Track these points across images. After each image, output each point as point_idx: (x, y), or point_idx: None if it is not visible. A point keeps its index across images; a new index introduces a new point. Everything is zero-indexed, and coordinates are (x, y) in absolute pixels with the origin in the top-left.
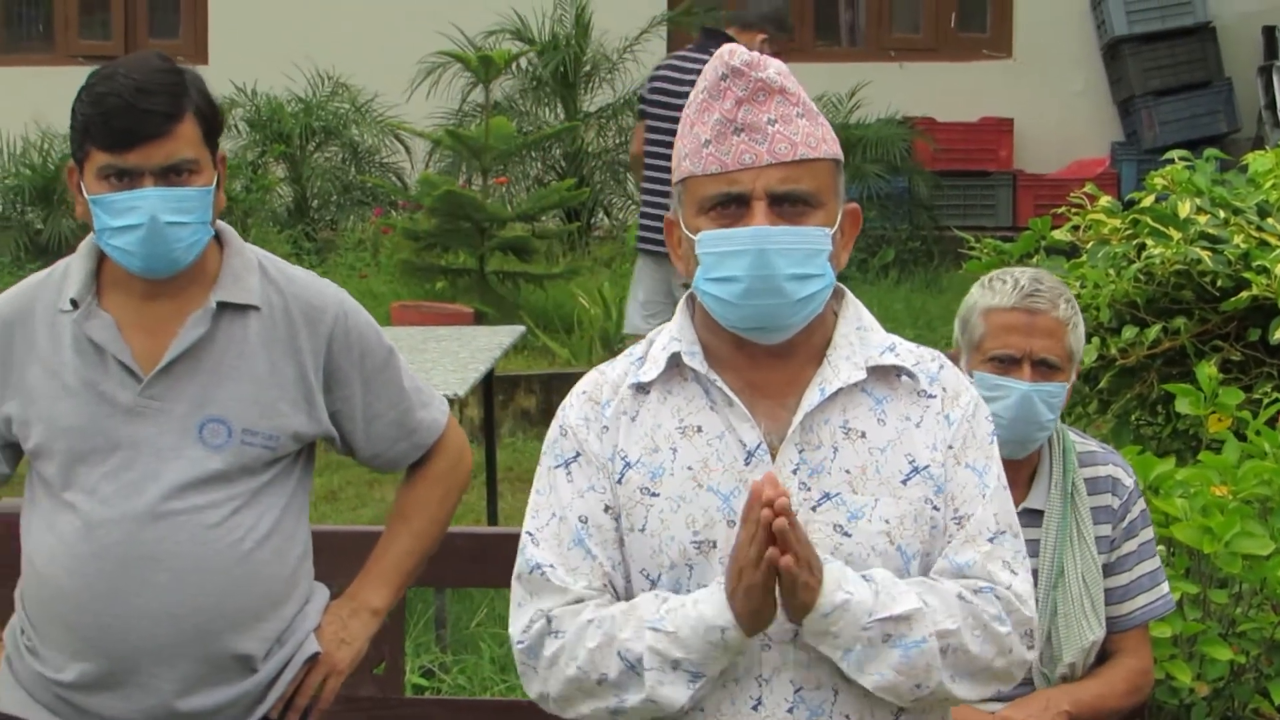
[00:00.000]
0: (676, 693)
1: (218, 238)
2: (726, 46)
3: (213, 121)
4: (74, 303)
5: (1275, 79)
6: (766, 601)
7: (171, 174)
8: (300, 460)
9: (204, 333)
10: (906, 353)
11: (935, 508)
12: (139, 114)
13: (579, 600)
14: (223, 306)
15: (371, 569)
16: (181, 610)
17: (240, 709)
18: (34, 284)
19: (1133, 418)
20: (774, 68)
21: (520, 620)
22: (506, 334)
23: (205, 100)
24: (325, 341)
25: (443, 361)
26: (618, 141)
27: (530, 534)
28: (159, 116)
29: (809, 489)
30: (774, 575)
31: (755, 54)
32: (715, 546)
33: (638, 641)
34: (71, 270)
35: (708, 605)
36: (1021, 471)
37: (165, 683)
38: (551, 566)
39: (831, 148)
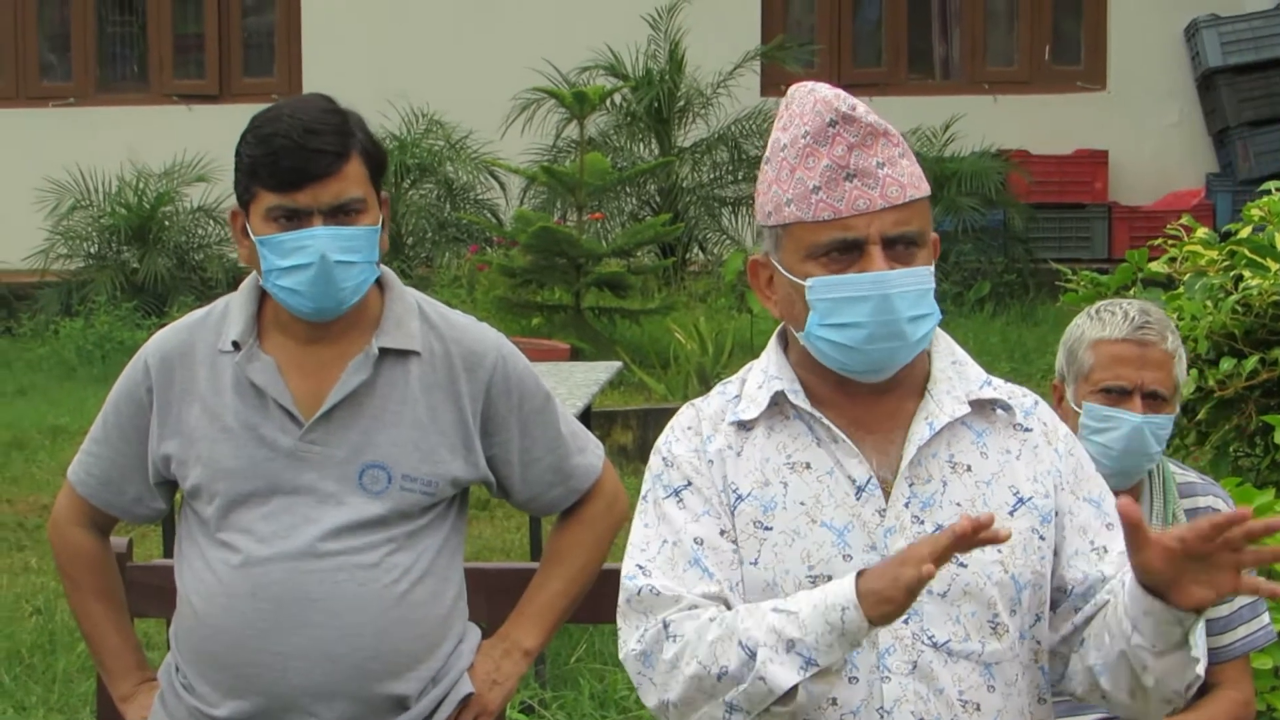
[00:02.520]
0: (786, 674)
1: (379, 281)
2: (823, 89)
3: (377, 161)
4: (236, 344)
5: None
6: (897, 591)
7: (340, 213)
8: (456, 504)
9: (366, 378)
10: (1002, 386)
11: (1041, 537)
12: (308, 154)
13: (694, 607)
14: (384, 352)
15: (524, 609)
16: (339, 650)
17: None
18: (192, 323)
19: (1231, 449)
20: (864, 108)
21: (632, 635)
22: (603, 370)
23: (369, 140)
24: (484, 387)
25: None
26: (712, 176)
27: (640, 566)
28: (328, 156)
29: (922, 522)
30: (921, 581)
31: (849, 97)
32: (830, 581)
33: (759, 627)
34: (231, 311)
35: (834, 586)
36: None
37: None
38: (666, 586)
39: (926, 185)
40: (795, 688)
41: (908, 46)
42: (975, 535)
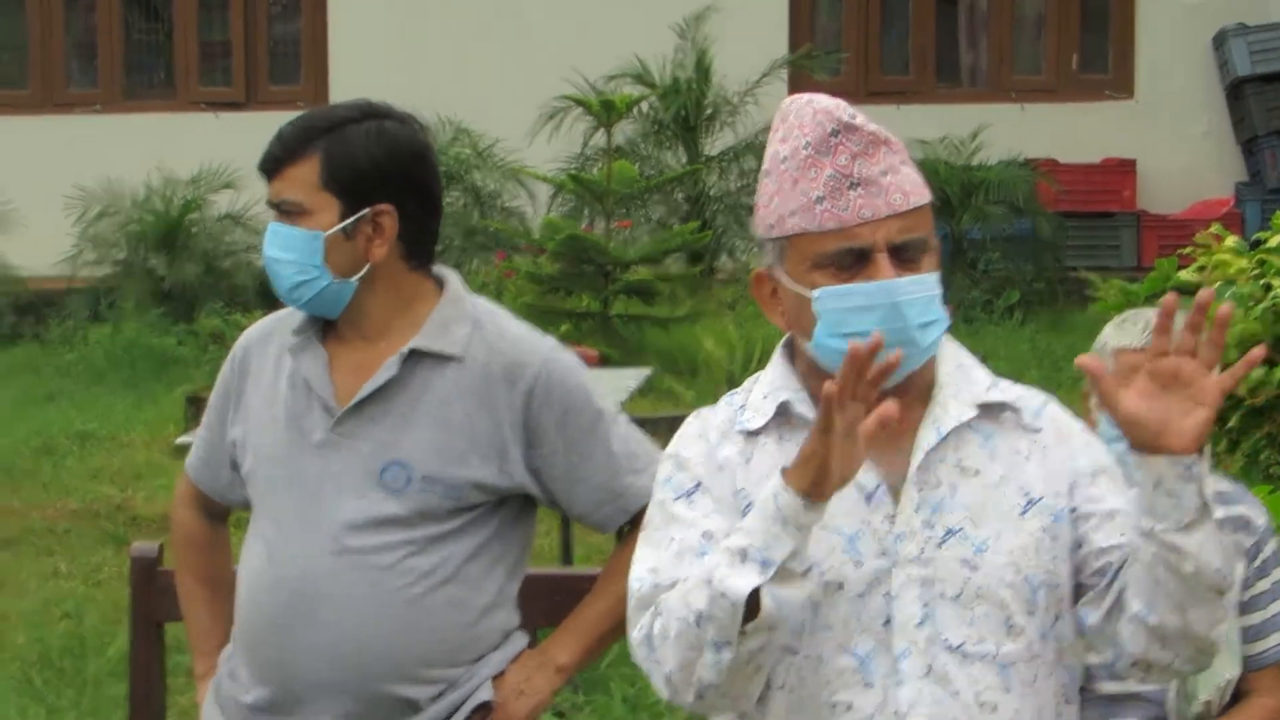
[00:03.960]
0: (743, 580)
1: (441, 286)
2: (821, 100)
3: (347, 172)
4: (301, 336)
5: None
6: (807, 447)
7: (278, 211)
8: (501, 512)
9: (393, 376)
10: (1009, 389)
11: (1054, 537)
12: (265, 153)
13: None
14: (421, 354)
15: (567, 625)
16: (345, 649)
17: None
18: (280, 315)
19: (1261, 457)
20: (863, 116)
21: (635, 629)
22: (633, 376)
23: (346, 150)
24: (523, 399)
25: None
26: (740, 184)
27: (649, 569)
28: (271, 157)
29: (933, 526)
30: (830, 446)
31: (848, 106)
32: (841, 587)
33: (713, 558)
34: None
35: (769, 485)
36: None
37: (325, 717)
38: (666, 576)
39: (928, 191)
40: (759, 603)
41: (935, 55)
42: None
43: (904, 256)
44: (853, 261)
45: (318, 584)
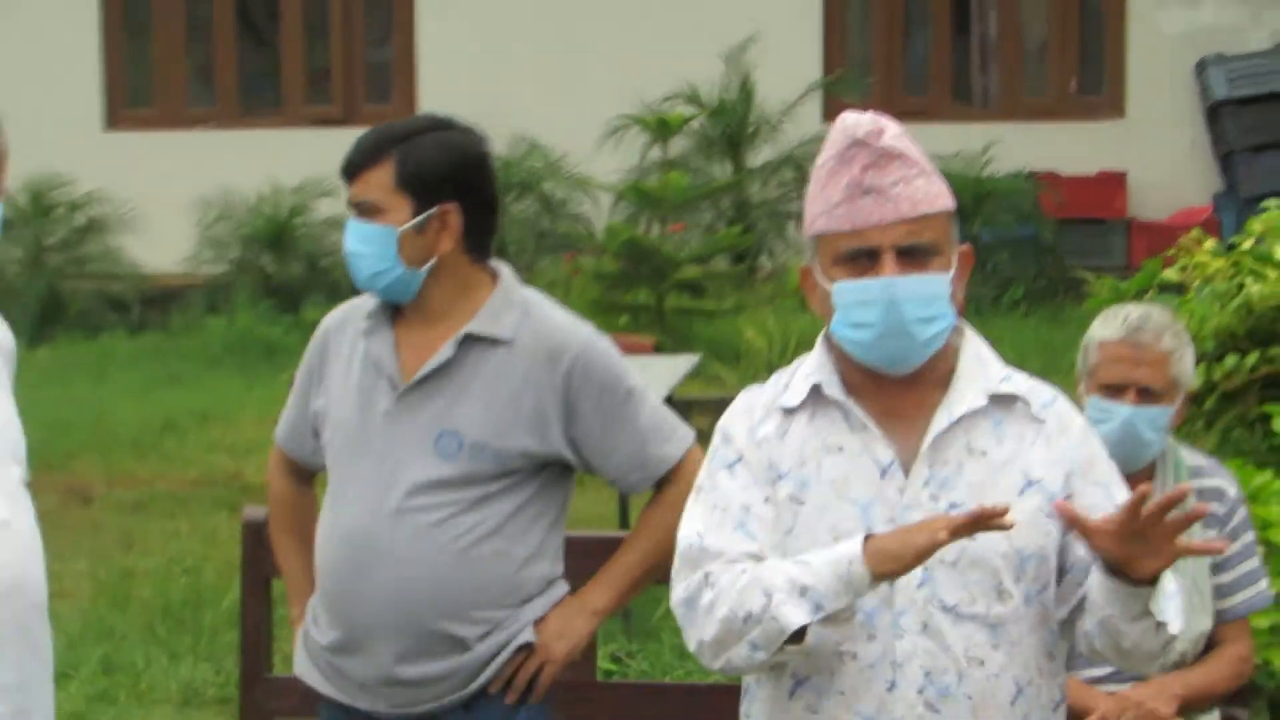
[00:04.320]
0: (796, 615)
1: (495, 277)
2: (851, 118)
3: (418, 176)
4: (373, 319)
5: None
6: (906, 551)
7: (357, 210)
8: (542, 476)
9: (449, 357)
10: (1021, 382)
11: (1048, 515)
12: (346, 159)
13: (734, 562)
14: (473, 338)
15: (601, 575)
16: (402, 595)
17: (455, 682)
18: (356, 303)
19: (1233, 435)
20: (891, 133)
21: (680, 586)
22: (684, 363)
23: (414, 158)
24: (563, 378)
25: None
26: (779, 193)
27: (695, 530)
28: (352, 163)
29: (938, 499)
30: (932, 548)
31: (875, 123)
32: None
33: (778, 576)
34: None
35: (846, 543)
36: (1139, 484)
37: (385, 653)
38: (712, 544)
39: (946, 200)
40: (804, 630)
41: (951, 78)
42: (986, 520)
43: (911, 258)
44: (865, 260)
45: (378, 539)
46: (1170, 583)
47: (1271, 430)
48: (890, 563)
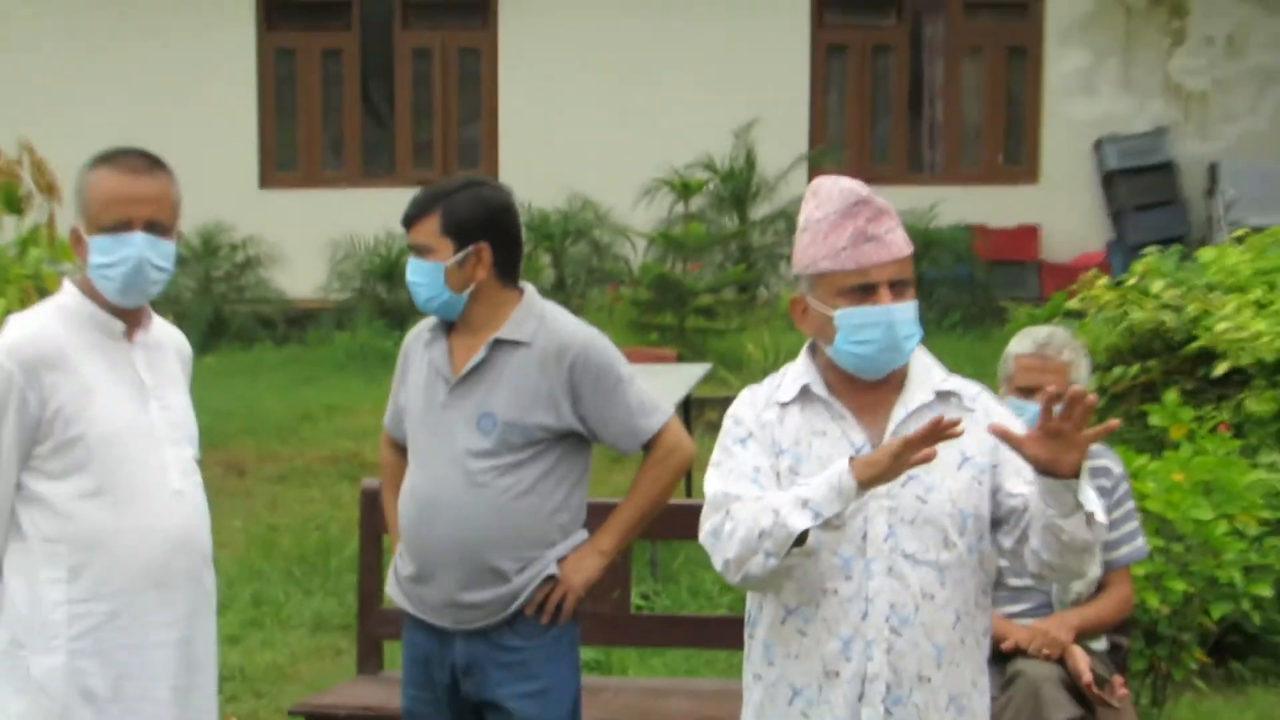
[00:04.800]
0: (800, 520)
1: (522, 294)
2: (849, 182)
3: (459, 223)
4: (434, 332)
5: (1215, 201)
6: (883, 454)
7: (413, 251)
8: (562, 445)
9: (482, 358)
10: (956, 382)
11: (979, 483)
12: (410, 206)
13: (750, 502)
14: (500, 342)
15: (606, 524)
16: (456, 537)
17: (499, 605)
18: (426, 322)
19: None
20: (877, 195)
21: (706, 522)
22: (699, 370)
23: (456, 210)
24: (568, 369)
25: (654, 385)
26: (774, 240)
27: (717, 486)
28: (408, 215)
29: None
30: (899, 449)
31: (864, 186)
32: (838, 512)
33: (784, 497)
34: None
35: (836, 464)
36: None
37: (449, 582)
38: (731, 488)
39: (910, 247)
40: (806, 533)
41: (906, 152)
42: (940, 431)
43: (897, 290)
44: (863, 292)
45: (441, 495)
46: (1089, 488)
47: (1148, 424)
48: (870, 468)
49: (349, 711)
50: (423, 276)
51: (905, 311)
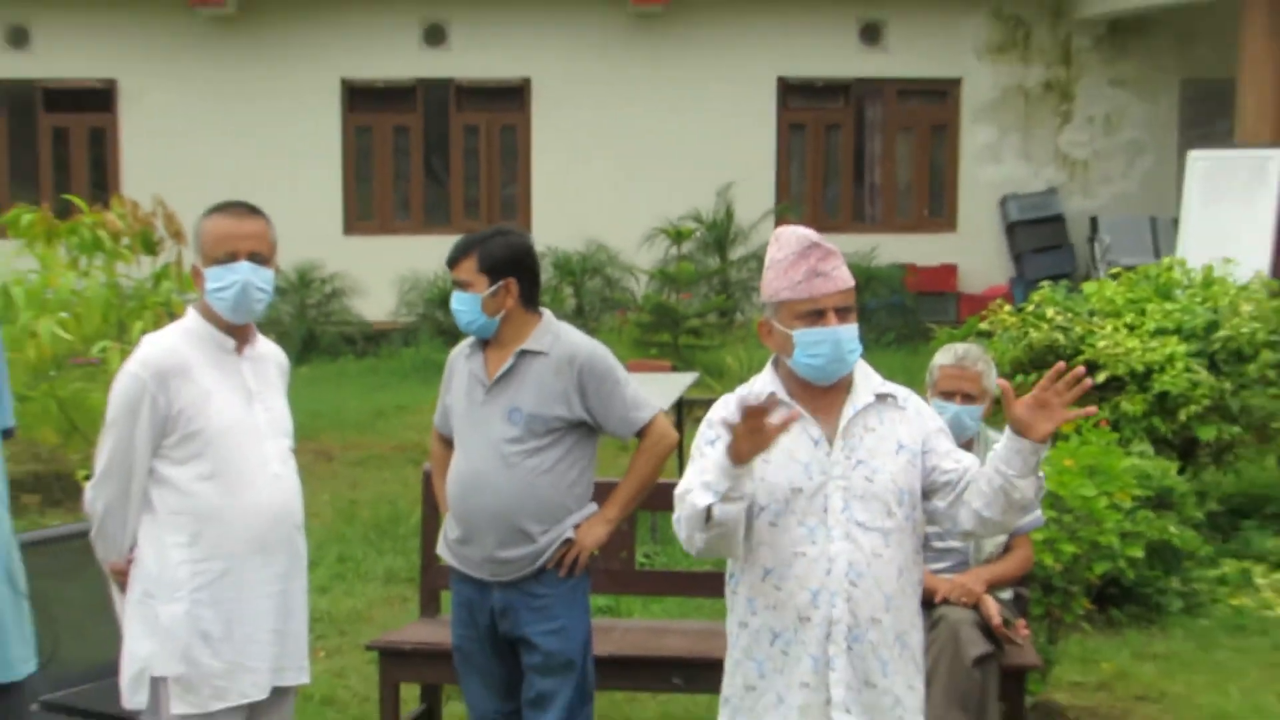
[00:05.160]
0: (703, 498)
1: (541, 316)
2: (799, 230)
3: (494, 263)
4: (473, 347)
5: (1095, 245)
6: (739, 445)
7: (455, 285)
8: (575, 434)
9: (511, 365)
10: (892, 386)
11: (913, 465)
12: (454, 249)
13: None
14: (522, 353)
15: (610, 497)
16: (496, 507)
17: (528, 560)
18: (463, 343)
19: None
20: (824, 239)
21: (675, 512)
22: (688, 378)
23: (493, 253)
24: (577, 373)
25: (653, 390)
26: (747, 276)
27: (686, 480)
28: (454, 256)
29: (849, 459)
30: (738, 444)
31: (815, 234)
32: (800, 491)
33: (695, 482)
34: None
35: (721, 453)
36: (966, 448)
37: (489, 542)
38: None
39: (853, 280)
40: (710, 508)
41: (851, 208)
42: (749, 418)
43: (842, 314)
44: (815, 316)
45: (481, 473)
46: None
47: None
48: (734, 448)
49: (413, 647)
50: (464, 305)
51: (848, 331)
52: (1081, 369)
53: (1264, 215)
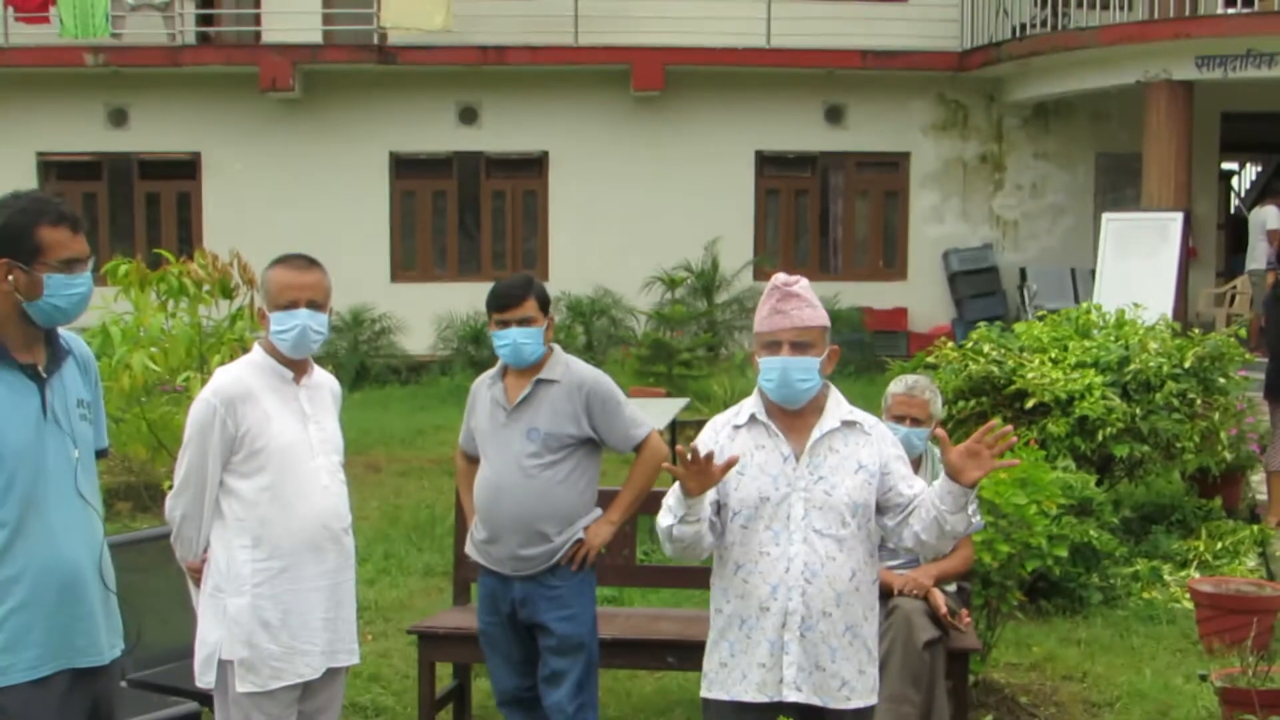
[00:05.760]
0: (665, 519)
1: (553, 351)
2: (781, 277)
3: (544, 301)
4: (494, 377)
5: (1024, 292)
6: (685, 482)
7: (521, 322)
8: (583, 449)
9: (528, 392)
10: (858, 413)
11: (869, 484)
12: (511, 292)
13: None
14: (539, 381)
15: (613, 503)
16: (516, 512)
17: (545, 557)
18: (484, 374)
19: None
20: (801, 285)
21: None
22: (680, 402)
23: (541, 292)
24: (584, 397)
25: (652, 413)
26: (730, 317)
27: (670, 491)
28: (516, 294)
29: (813, 474)
30: (686, 481)
31: (792, 279)
32: (768, 499)
33: (665, 503)
34: (498, 367)
35: (679, 486)
36: (916, 467)
37: (512, 542)
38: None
39: (821, 320)
40: (671, 527)
41: (818, 259)
42: (695, 465)
43: (797, 348)
44: (773, 347)
45: (505, 484)
46: (974, 501)
47: None
48: (685, 488)
49: (446, 631)
50: (530, 338)
51: (797, 363)
52: (1008, 428)
53: (1167, 268)
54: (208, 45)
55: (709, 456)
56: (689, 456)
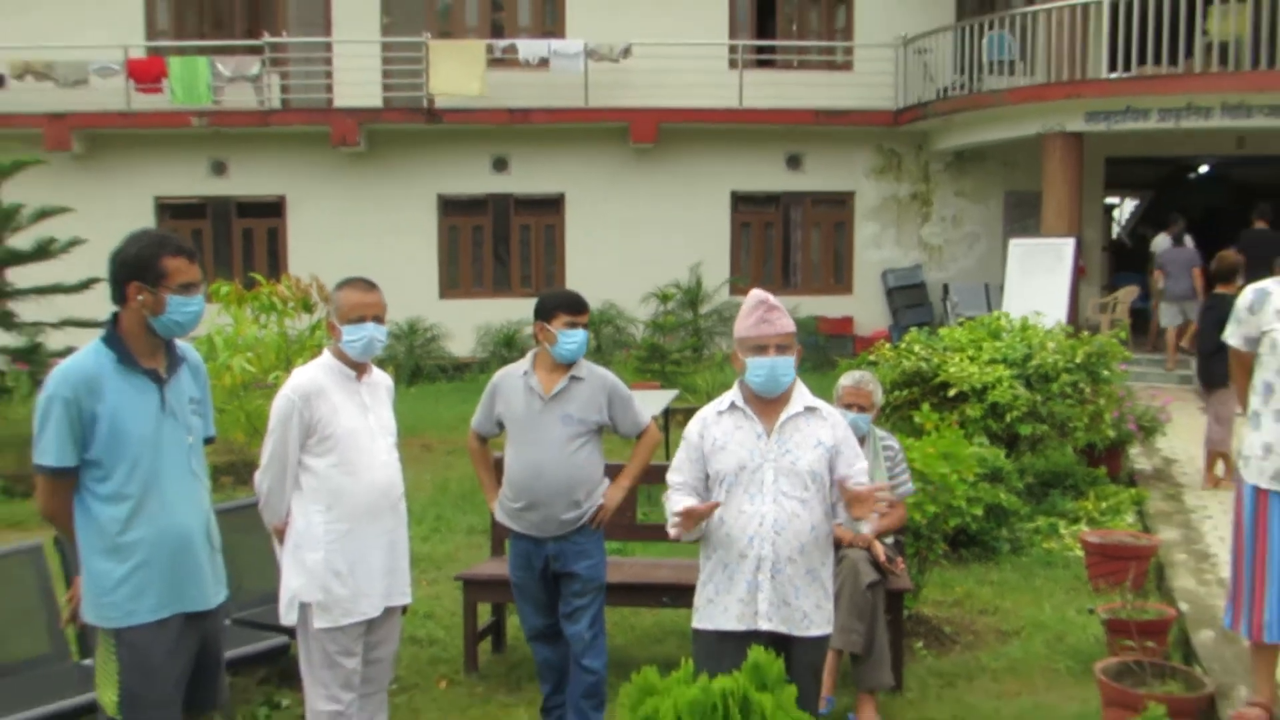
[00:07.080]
0: (672, 531)
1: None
2: (760, 293)
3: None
4: (526, 372)
5: (947, 304)
6: (693, 526)
7: (584, 325)
8: (598, 432)
9: (563, 386)
10: (818, 402)
11: (824, 458)
12: (583, 300)
13: (677, 489)
14: (572, 377)
15: (621, 474)
16: (556, 485)
17: (573, 520)
18: (513, 365)
19: (897, 425)
20: (774, 299)
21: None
22: (672, 394)
23: (585, 304)
24: (606, 392)
25: (648, 403)
26: (711, 324)
27: (670, 469)
28: (585, 303)
29: (781, 448)
30: (691, 527)
31: (769, 295)
32: (745, 467)
33: (673, 506)
34: (526, 359)
35: (677, 505)
36: (863, 446)
37: (555, 508)
38: (674, 479)
39: (793, 327)
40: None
41: (781, 277)
42: (697, 519)
43: (780, 350)
44: (760, 350)
45: (540, 459)
46: (866, 526)
47: (914, 422)
48: (681, 527)
49: (485, 577)
50: (586, 341)
51: (782, 362)
52: (886, 485)
53: (1061, 283)
54: (290, 109)
55: (698, 510)
56: (685, 512)
